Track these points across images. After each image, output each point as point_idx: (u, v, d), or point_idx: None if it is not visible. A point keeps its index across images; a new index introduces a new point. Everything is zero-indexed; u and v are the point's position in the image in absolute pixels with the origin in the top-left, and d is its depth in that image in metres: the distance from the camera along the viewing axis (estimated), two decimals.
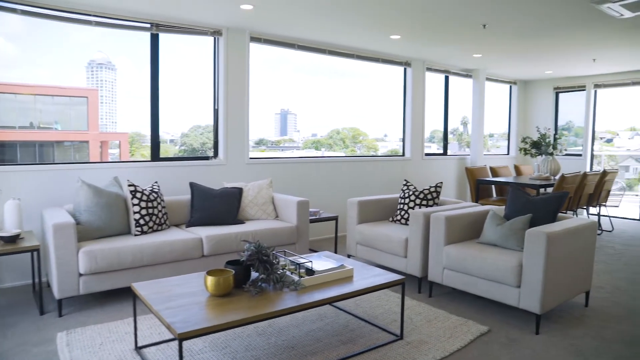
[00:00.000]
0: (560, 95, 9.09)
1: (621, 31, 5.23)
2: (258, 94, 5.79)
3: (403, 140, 7.30)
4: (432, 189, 4.53)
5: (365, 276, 3.09)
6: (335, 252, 5.23)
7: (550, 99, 9.10)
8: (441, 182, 4.60)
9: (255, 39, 5.45)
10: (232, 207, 4.55)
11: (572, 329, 3.37)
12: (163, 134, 5.20)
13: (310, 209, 5.19)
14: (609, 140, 10.17)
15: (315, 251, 5.35)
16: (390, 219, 4.74)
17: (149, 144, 4.99)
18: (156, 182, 4.40)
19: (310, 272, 2.94)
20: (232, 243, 4.16)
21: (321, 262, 3.15)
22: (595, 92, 8.59)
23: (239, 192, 4.69)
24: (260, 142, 6.39)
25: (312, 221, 4.98)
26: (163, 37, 4.90)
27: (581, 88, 8.69)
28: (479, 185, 6.55)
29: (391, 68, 7.05)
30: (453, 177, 8.03)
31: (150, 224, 4.05)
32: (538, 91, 9.25)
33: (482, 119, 8.15)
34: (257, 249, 2.75)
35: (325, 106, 6.79)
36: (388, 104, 7.30)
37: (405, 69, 7.17)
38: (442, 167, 7.80)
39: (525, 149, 6.87)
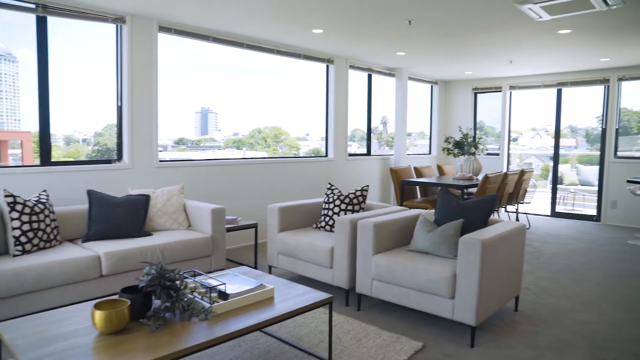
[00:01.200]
0: (478, 95, 9.26)
1: (537, 34, 5.27)
2: (177, 91, 5.40)
3: (326, 140, 7.03)
4: (358, 193, 4.26)
5: (288, 296, 2.73)
6: (256, 263, 4.82)
7: (469, 99, 9.25)
8: (367, 186, 4.34)
9: (164, 29, 4.91)
10: (138, 217, 4.02)
11: (505, 338, 3.22)
12: (74, 132, 4.62)
13: (228, 217, 4.75)
14: (515, 139, 10.71)
15: (235, 262, 4.92)
16: (315, 225, 4.42)
17: (59, 143, 4.31)
18: (44, 191, 3.76)
19: (224, 295, 2.53)
20: (137, 259, 3.64)
21: (237, 282, 2.75)
22: (511, 93, 8.82)
23: (145, 199, 4.16)
24: (180, 142, 5.92)
25: (229, 230, 4.54)
26: (57, 21, 4.24)
27: (497, 89, 8.89)
28: (404, 186, 6.41)
29: (313, 65, 6.75)
30: (377, 178, 7.88)
31: (35, 240, 3.43)
32: (458, 91, 9.37)
33: (405, 119, 8.07)
34: (159, 272, 2.30)
35: (246, 105, 6.40)
36: (310, 102, 7.00)
37: (327, 66, 6.89)
38: (366, 167, 7.62)
39: (448, 149, 6.84)
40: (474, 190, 6.91)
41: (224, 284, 2.60)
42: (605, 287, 4.39)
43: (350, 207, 4.20)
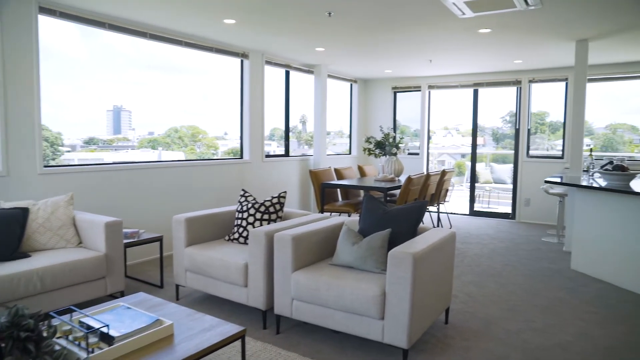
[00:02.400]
0: (397, 94, 9.18)
1: (458, 32, 5.14)
2: (85, 87, 4.87)
3: (241, 140, 6.54)
4: (275, 200, 3.85)
5: (193, 332, 2.26)
6: (162, 281, 4.26)
7: (389, 98, 9.13)
8: (285, 192, 3.93)
9: (46, 10, 4.19)
10: (12, 236, 3.34)
11: (438, 357, 2.95)
12: None
13: (127, 229, 4.15)
14: (429, 138, 10.85)
15: (139, 280, 4.32)
16: (227, 237, 3.94)
17: None
18: None
19: (107, 338, 2.02)
20: (9, 289, 2.98)
21: (127, 318, 2.24)
22: (429, 92, 8.81)
23: (22, 213, 3.48)
24: (90, 142, 5.39)
25: (129, 245, 3.95)
26: None
27: (417, 89, 8.84)
28: (324, 189, 6.07)
29: (228, 60, 6.24)
30: (296, 181, 7.51)
31: None
32: (377, 90, 9.23)
33: (325, 118, 7.77)
34: (12, 320, 1.75)
35: (162, 103, 5.84)
36: (227, 100, 6.48)
37: (242, 61, 6.40)
38: (284, 169, 7.23)
39: (369, 150, 6.61)
40: (397, 192, 6.74)
41: (107, 325, 2.08)
42: (528, 290, 4.31)
43: (266, 217, 3.77)
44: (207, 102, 6.44)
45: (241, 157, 6.52)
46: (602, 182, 5.02)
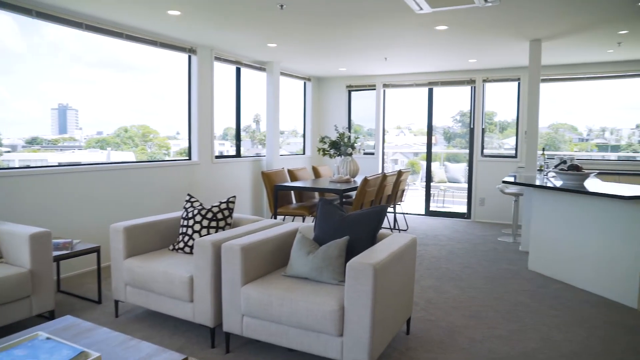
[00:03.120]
0: (352, 93, 9.01)
1: (415, 28, 5.00)
2: (26, 84, 4.51)
3: (189, 140, 6.17)
4: (224, 206, 3.55)
5: None
6: (100, 296, 3.87)
7: (343, 97, 8.95)
8: (234, 197, 3.64)
9: None
10: None
11: None
12: None
13: (59, 240, 3.73)
14: (384, 137, 10.83)
15: (73, 295, 3.92)
16: (171, 247, 3.61)
17: None
18: None
19: None
20: None
21: (43, 354, 1.90)
22: (384, 91, 8.68)
23: None
24: (33, 141, 5.05)
25: (60, 258, 3.55)
26: None
27: (372, 87, 8.70)
28: (278, 192, 5.79)
29: (175, 55, 5.87)
30: (249, 183, 7.20)
31: None
32: (332, 89, 9.03)
33: (277, 117, 7.50)
34: None
35: (111, 101, 5.46)
36: (178, 97, 6.10)
37: (190, 57, 6.04)
38: (236, 171, 6.90)
39: (324, 150, 6.39)
40: (353, 193, 6.56)
41: None
42: (489, 294, 4.20)
43: (214, 224, 3.47)
44: (158, 100, 6.07)
45: (189, 158, 6.15)
46: (557, 182, 5.00)
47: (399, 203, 7.04)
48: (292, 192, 6.38)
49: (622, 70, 7.02)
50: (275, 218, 5.81)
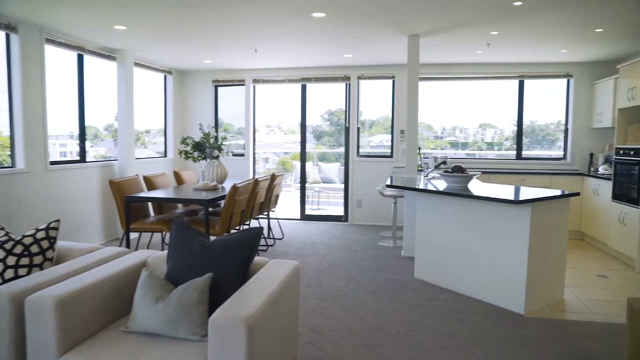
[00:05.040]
0: (219, 89, 8.19)
1: (288, 15, 4.40)
2: None
3: (12, 143, 4.90)
4: (41, 234, 2.60)
5: None
6: None
7: (210, 92, 8.09)
8: (57, 221, 2.70)
9: None
10: None
11: None
12: None
13: None
14: (255, 137, 10.24)
15: None
16: None
17: None
18: None
19: None
20: None
21: None
22: (254, 87, 8.00)
23: None
24: None
25: None
26: None
27: (240, 82, 7.96)
28: (130, 204, 4.78)
29: None
30: (97, 194, 6.05)
31: None
32: (196, 83, 8.11)
33: (132, 114, 6.44)
34: None
35: None
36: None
37: (9, 36, 4.79)
38: (79, 180, 5.72)
39: (186, 152, 5.52)
40: (222, 202, 5.77)
41: None
42: (378, 313, 3.74)
43: (25, 262, 2.50)
44: None
45: (13, 166, 4.88)
46: (439, 183, 4.75)
47: (273, 210, 6.42)
48: (150, 203, 5.42)
49: (484, 73, 7.15)
50: (128, 237, 4.83)
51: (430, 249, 4.52)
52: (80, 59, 5.85)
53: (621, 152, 5.44)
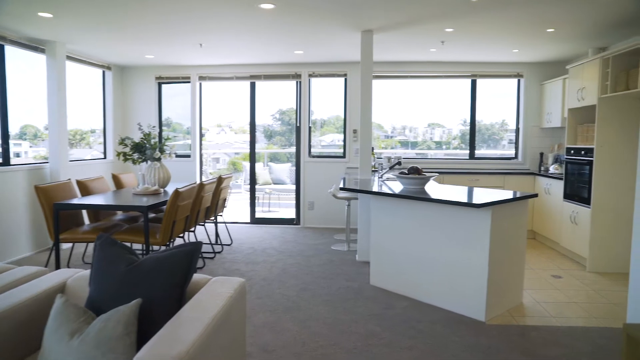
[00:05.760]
0: (163, 86, 7.72)
1: (235, 6, 4.08)
2: None
3: None
4: None
5: None
6: None
7: (152, 90, 7.60)
8: None
9: None
10: None
11: None
12: None
13: None
14: (202, 136, 9.86)
15: None
16: None
17: None
18: None
19: None
20: None
21: None
22: (201, 84, 7.59)
23: None
24: None
25: None
26: None
27: (186, 80, 7.53)
28: (59, 212, 4.30)
29: None
30: (25, 201, 5.49)
31: None
32: (138, 80, 7.60)
33: (64, 113, 5.91)
34: None
35: None
36: None
37: None
38: (2, 186, 5.17)
39: (125, 154, 5.09)
40: (164, 208, 5.36)
41: None
42: (333, 326, 3.49)
43: None
44: None
45: None
46: (395, 185, 4.56)
47: (220, 214, 6.07)
48: (86, 210, 4.94)
49: (437, 71, 7.06)
50: (57, 248, 4.35)
51: (386, 254, 4.32)
52: (1, 50, 5.28)
53: (572, 151, 5.45)
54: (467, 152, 7.37)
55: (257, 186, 8.25)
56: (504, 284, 3.77)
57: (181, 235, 4.75)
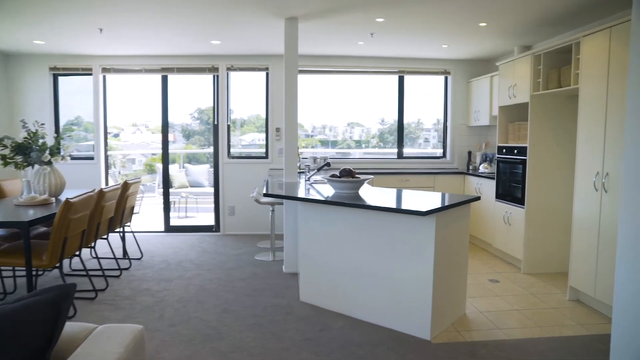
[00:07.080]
0: (61, 79, 6.76)
1: None
2: None
3: None
4: None
5: None
6: None
7: (46, 82, 6.62)
8: None
9: None
10: None
11: None
12: None
13: None
14: (116, 135, 9.16)
15: None
16: None
17: None
18: None
19: None
20: None
21: None
22: (105, 77, 6.73)
23: None
24: None
25: None
26: None
27: (87, 71, 6.63)
28: None
29: None
30: None
31: None
32: (28, 71, 6.58)
33: None
34: None
35: None
36: None
37: None
38: None
39: (4, 157, 4.23)
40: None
41: None
42: (261, 357, 2.97)
43: None
44: None
45: None
46: (324, 189, 4.12)
47: (127, 224, 5.32)
48: None
49: (363, 67, 6.74)
50: None
51: (317, 266, 3.85)
52: None
53: (504, 150, 5.30)
54: (391, 151, 7.12)
55: (172, 190, 7.51)
56: (448, 296, 3.44)
57: (77, 253, 4.00)
